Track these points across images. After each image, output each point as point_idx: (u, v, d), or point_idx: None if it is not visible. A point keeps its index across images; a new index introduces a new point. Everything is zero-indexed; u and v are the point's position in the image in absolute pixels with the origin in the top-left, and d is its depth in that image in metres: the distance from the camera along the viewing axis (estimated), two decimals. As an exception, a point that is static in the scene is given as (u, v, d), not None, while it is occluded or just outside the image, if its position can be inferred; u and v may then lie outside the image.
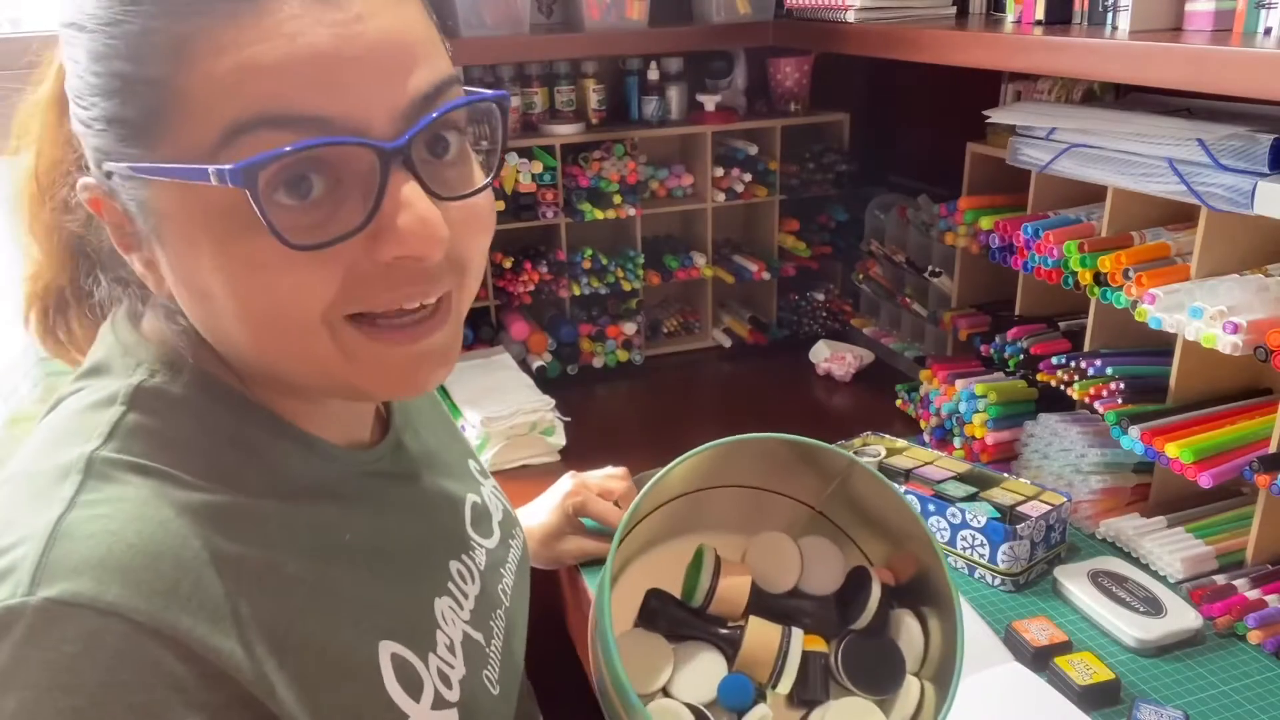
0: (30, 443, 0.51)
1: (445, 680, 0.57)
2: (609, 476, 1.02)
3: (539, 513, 0.99)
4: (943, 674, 0.56)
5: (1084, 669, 0.83)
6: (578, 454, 1.26)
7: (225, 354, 0.53)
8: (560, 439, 1.28)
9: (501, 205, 1.45)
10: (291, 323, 0.47)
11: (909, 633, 0.58)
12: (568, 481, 1.00)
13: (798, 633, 0.57)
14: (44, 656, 0.41)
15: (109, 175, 0.47)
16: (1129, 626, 0.88)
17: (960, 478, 1.06)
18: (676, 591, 0.59)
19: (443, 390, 1.37)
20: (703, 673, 0.56)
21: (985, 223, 1.23)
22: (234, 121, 0.43)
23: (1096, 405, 1.05)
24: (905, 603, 0.59)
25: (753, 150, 1.58)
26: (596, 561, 1.01)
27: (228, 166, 0.43)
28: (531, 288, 1.51)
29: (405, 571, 0.59)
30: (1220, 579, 0.95)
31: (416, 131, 0.46)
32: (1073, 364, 1.09)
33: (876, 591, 0.57)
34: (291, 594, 0.50)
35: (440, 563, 0.64)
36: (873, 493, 0.61)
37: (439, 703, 0.56)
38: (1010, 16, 1.10)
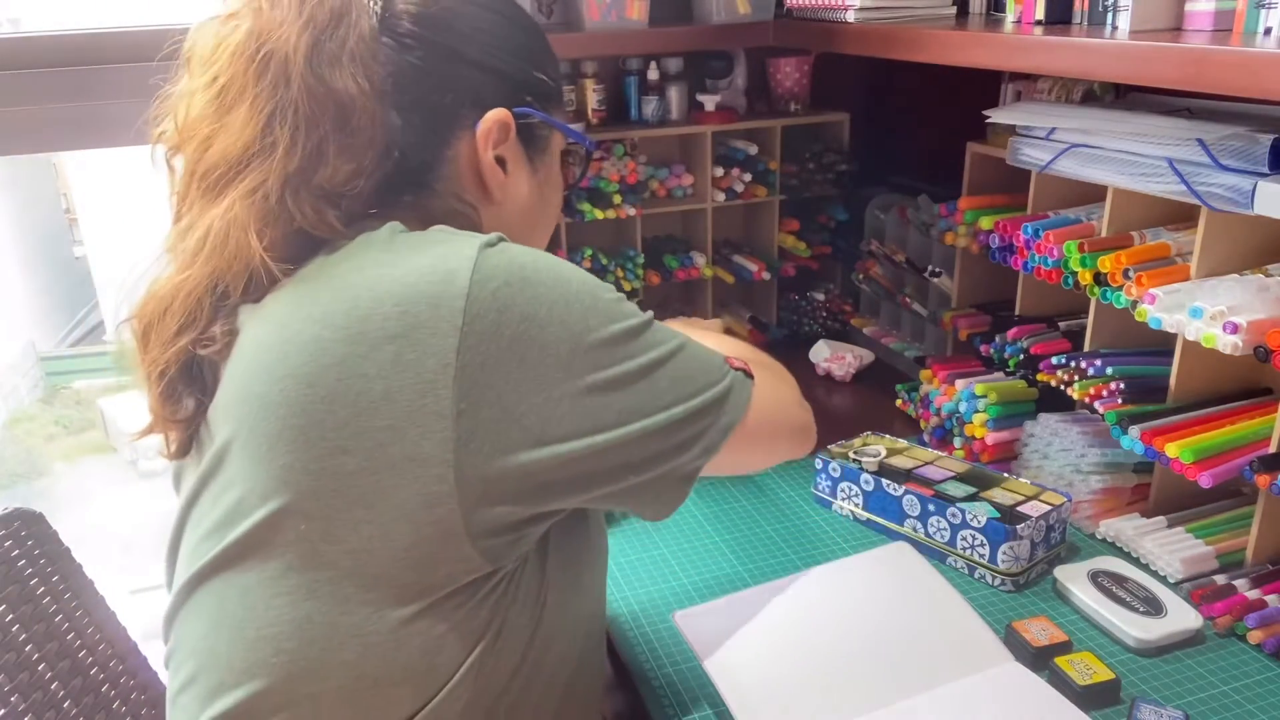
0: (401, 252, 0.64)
1: None
2: None
3: None
4: None
5: (1084, 669, 0.83)
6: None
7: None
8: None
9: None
10: (554, 223, 0.84)
11: None
12: None
13: None
14: (525, 249, 0.64)
15: (524, 115, 0.74)
16: (1129, 626, 0.89)
17: (960, 478, 1.06)
18: None
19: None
20: None
21: (985, 223, 1.23)
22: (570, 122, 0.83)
23: (1096, 405, 1.05)
24: None
25: (753, 150, 1.58)
26: None
27: (589, 139, 0.85)
28: (531, 288, 1.50)
29: None
30: (1220, 579, 0.95)
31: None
32: (1073, 364, 1.09)
33: None
34: None
35: None
36: None
37: None
38: (1010, 16, 1.10)
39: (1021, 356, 1.17)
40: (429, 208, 0.71)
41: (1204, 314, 0.90)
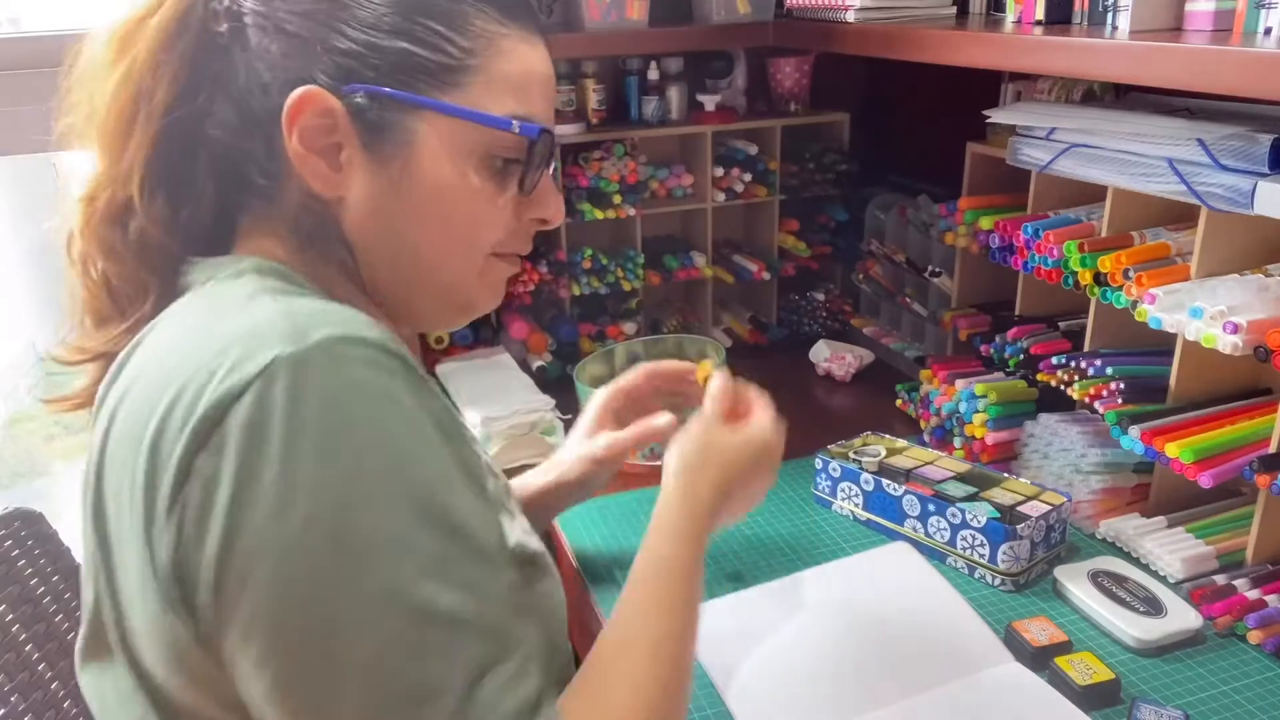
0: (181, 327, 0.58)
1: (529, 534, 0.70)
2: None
3: (575, 434, 0.98)
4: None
5: (1084, 669, 0.83)
6: (578, 454, 1.26)
7: (369, 260, 0.64)
8: (560, 439, 1.28)
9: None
10: (474, 243, 0.65)
11: None
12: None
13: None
14: (347, 374, 0.50)
15: (355, 94, 0.59)
16: (1129, 626, 0.89)
17: (960, 478, 1.06)
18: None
19: (442, 389, 1.37)
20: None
21: (985, 223, 1.23)
22: (513, 111, 0.63)
23: (1096, 405, 1.05)
24: None
25: (753, 150, 1.58)
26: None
27: (526, 124, 0.63)
28: (531, 288, 1.51)
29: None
30: (1220, 579, 0.95)
31: (555, 145, 0.67)
32: (1073, 364, 1.09)
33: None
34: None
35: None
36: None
37: (531, 544, 0.69)
38: (1010, 16, 1.10)
39: (1021, 356, 1.17)
40: (284, 208, 0.63)
41: (1204, 314, 0.90)
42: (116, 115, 0.60)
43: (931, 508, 1.02)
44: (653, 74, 1.53)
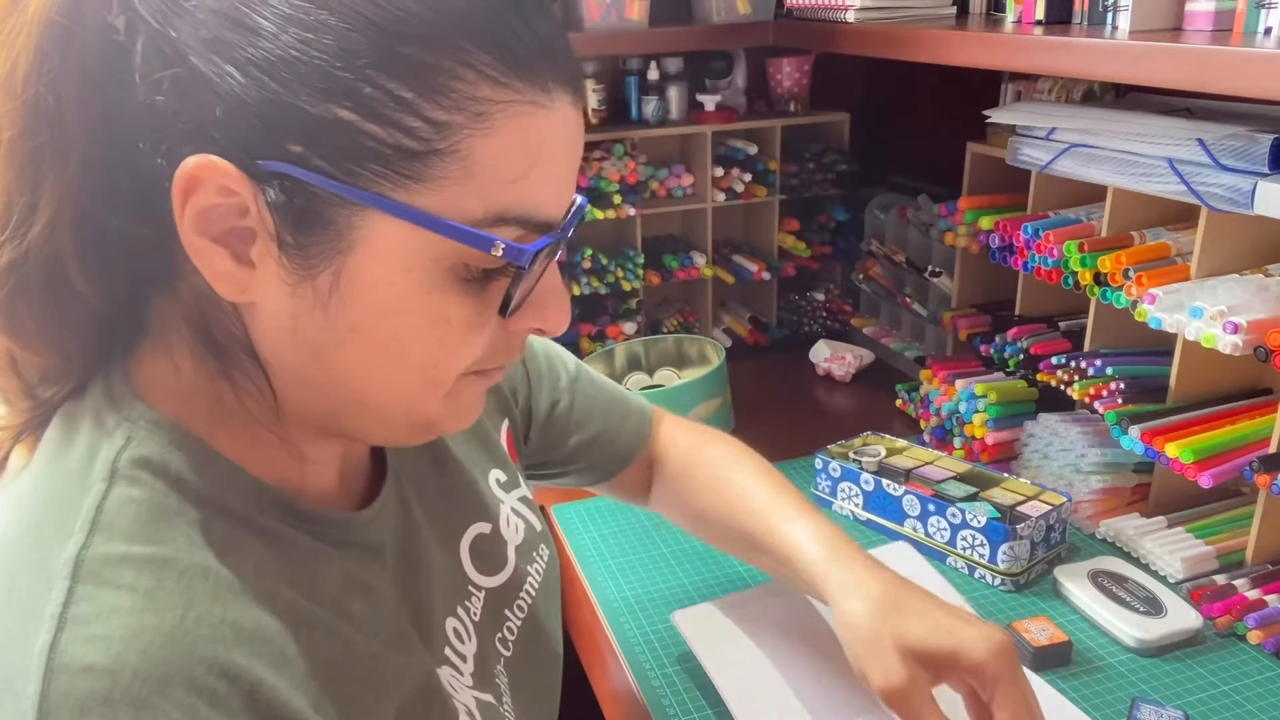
0: (9, 506, 0.46)
1: None
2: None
3: (912, 597, 0.70)
4: None
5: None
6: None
7: (287, 383, 0.48)
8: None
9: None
10: (440, 373, 0.48)
11: None
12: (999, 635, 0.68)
13: None
14: None
15: (272, 172, 0.41)
16: (1129, 626, 0.89)
17: (960, 478, 1.06)
18: None
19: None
20: None
21: (985, 223, 1.23)
22: (503, 211, 0.44)
23: (1096, 405, 1.05)
24: None
25: (753, 150, 1.58)
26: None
27: (514, 245, 0.44)
28: (531, 288, 1.50)
29: (410, 639, 0.55)
30: (1220, 579, 0.95)
31: (572, 225, 0.50)
32: (1073, 364, 1.09)
33: None
34: (314, 677, 0.46)
35: (438, 624, 0.59)
36: None
37: None
38: (1010, 16, 1.10)
39: (1021, 356, 1.17)
40: (185, 304, 0.47)
41: (1204, 314, 0.90)
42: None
43: (931, 508, 1.02)
44: (653, 74, 1.53)
